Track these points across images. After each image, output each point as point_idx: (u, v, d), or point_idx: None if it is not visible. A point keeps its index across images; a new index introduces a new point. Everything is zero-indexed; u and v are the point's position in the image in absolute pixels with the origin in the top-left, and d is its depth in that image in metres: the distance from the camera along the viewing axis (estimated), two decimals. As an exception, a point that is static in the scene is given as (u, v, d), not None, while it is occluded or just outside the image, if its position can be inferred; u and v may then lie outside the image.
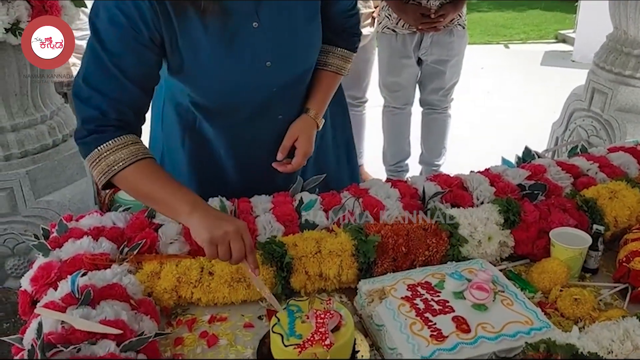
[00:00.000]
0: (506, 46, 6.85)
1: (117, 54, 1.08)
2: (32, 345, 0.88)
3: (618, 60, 2.51)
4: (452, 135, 3.07)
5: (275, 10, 1.18)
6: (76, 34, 2.56)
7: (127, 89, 1.10)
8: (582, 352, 0.84)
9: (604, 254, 1.26)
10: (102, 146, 1.08)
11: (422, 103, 2.92)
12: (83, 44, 2.64)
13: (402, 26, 2.61)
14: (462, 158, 3.24)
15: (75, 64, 2.68)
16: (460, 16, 2.61)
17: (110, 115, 1.09)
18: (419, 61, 2.74)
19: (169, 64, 1.18)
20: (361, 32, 1.47)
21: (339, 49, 1.40)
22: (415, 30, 2.58)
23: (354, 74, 2.96)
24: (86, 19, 2.49)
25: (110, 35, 1.07)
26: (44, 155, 2.03)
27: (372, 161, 3.33)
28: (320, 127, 1.39)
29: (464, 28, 2.66)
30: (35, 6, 1.86)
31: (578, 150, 1.60)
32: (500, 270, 1.21)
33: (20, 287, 1.13)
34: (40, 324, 0.92)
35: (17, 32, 1.82)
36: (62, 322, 0.95)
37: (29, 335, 0.95)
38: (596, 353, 0.84)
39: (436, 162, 3.05)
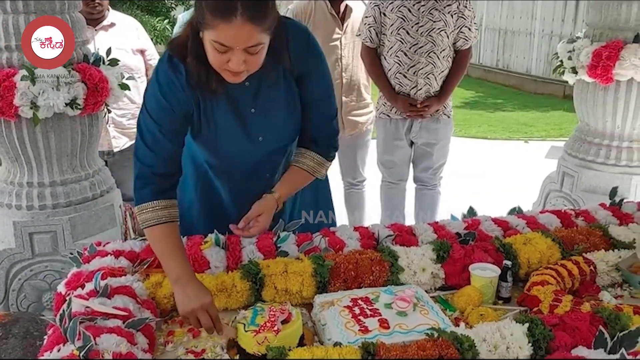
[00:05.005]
0: (525, 142, 7.08)
1: (161, 124, 1.50)
2: (61, 314, 1.22)
3: (582, 148, 2.87)
4: (444, 208, 3.35)
5: (266, 102, 1.60)
6: (119, 112, 3.06)
7: (167, 147, 1.52)
8: (459, 336, 1.14)
9: (519, 288, 1.55)
10: (144, 204, 1.48)
11: (415, 180, 3.29)
12: (123, 120, 3.11)
13: (395, 112, 3.04)
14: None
15: (115, 136, 3.15)
16: (445, 107, 3.04)
17: (157, 170, 1.50)
18: (412, 143, 3.14)
19: (192, 129, 1.61)
20: (337, 146, 1.71)
21: (314, 153, 1.67)
22: (405, 116, 3.01)
23: (351, 159, 3.40)
24: (127, 100, 2.98)
25: (158, 113, 1.51)
26: (84, 206, 2.43)
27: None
28: (280, 207, 1.65)
29: (449, 117, 3.08)
30: (90, 87, 2.32)
31: (516, 211, 1.92)
32: (432, 296, 1.51)
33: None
34: (69, 302, 1.27)
35: (74, 106, 2.26)
36: (86, 307, 1.31)
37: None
38: (468, 336, 1.13)
39: None
